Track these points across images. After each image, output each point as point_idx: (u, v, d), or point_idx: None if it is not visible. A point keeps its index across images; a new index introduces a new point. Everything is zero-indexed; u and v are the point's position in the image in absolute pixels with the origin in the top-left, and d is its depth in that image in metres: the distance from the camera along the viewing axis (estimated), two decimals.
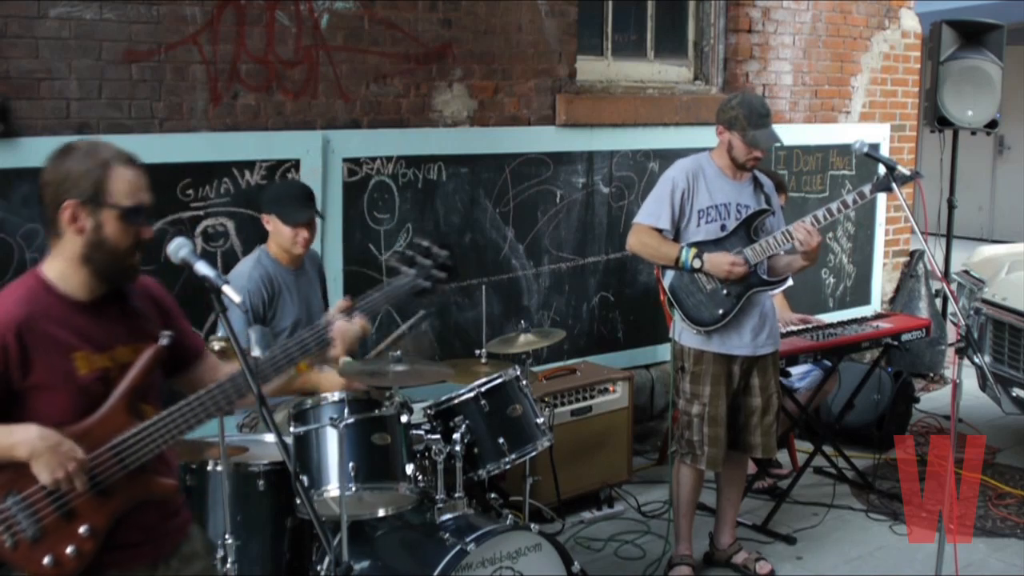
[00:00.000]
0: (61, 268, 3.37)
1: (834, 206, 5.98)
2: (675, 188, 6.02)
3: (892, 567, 6.60)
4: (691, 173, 6.05)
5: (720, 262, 5.90)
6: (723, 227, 6.01)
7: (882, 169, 5.77)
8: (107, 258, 3.32)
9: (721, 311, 6.00)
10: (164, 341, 3.40)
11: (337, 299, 6.60)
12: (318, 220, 5.79)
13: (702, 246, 5.96)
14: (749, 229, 6.00)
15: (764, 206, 6.09)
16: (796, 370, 7.70)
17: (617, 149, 8.44)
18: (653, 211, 6.09)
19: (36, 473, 3.17)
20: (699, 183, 6.03)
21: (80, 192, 3.30)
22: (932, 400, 9.74)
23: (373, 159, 7.12)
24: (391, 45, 7.16)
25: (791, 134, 9.49)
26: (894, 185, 5.69)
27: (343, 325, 3.59)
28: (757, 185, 6.15)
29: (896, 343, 7.68)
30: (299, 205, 5.67)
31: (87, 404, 3.30)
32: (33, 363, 3.24)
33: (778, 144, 6.16)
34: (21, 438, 3.18)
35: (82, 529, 3.27)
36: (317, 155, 6.84)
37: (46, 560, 3.24)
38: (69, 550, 3.26)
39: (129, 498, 3.33)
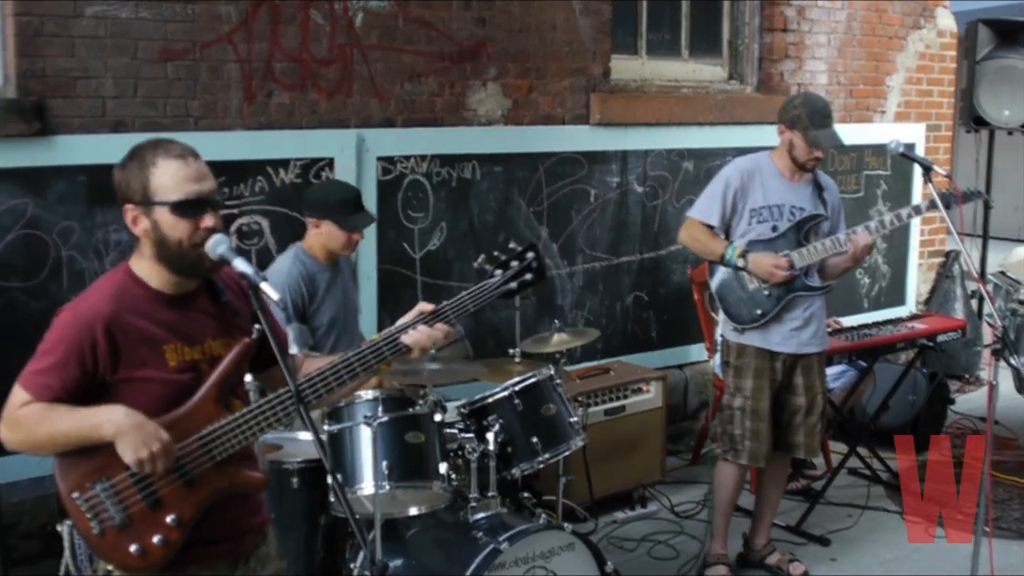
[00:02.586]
0: (145, 266, 3.39)
1: (887, 219, 6.00)
2: (728, 187, 6.02)
3: (927, 569, 6.56)
4: (747, 172, 6.04)
5: (763, 263, 5.88)
6: (774, 228, 5.98)
7: (917, 170, 5.76)
8: (175, 254, 3.32)
9: (760, 311, 5.99)
10: (255, 335, 3.40)
11: (370, 298, 6.67)
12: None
13: (751, 245, 5.95)
14: (800, 232, 5.98)
15: (819, 210, 6.06)
16: (831, 370, 7.64)
17: (651, 148, 8.41)
18: (705, 207, 6.10)
19: (120, 452, 3.18)
20: (754, 183, 6.02)
21: (133, 194, 3.32)
22: (967, 401, 9.68)
23: (407, 158, 7.13)
24: (425, 44, 7.16)
25: None
26: (940, 203, 5.69)
27: (423, 331, 3.53)
28: (817, 188, 6.11)
29: (931, 344, 7.64)
30: (356, 210, 5.66)
31: (177, 396, 3.32)
32: (122, 357, 3.27)
33: (839, 144, 6.11)
34: (107, 417, 3.20)
35: (169, 519, 3.28)
36: (351, 154, 6.84)
37: (132, 548, 3.26)
38: (156, 539, 3.27)
39: (216, 490, 3.34)
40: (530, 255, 3.65)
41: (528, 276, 3.65)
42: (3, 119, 5.72)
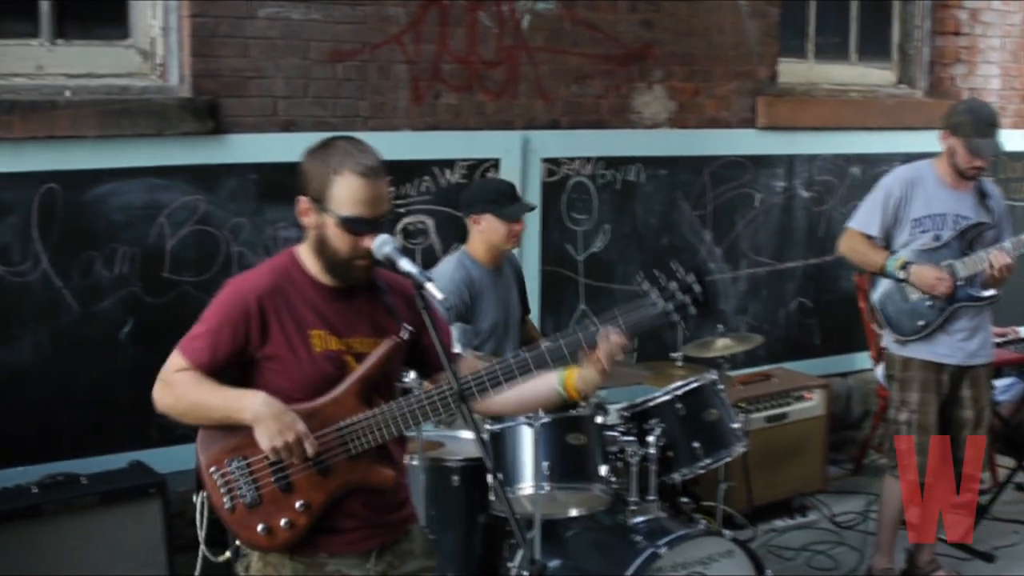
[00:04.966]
0: (307, 252, 3.49)
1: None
2: (889, 196, 5.95)
3: None
4: (909, 181, 5.96)
5: (925, 275, 5.79)
6: (937, 237, 5.88)
7: None
8: (330, 257, 3.40)
9: (922, 323, 5.90)
10: (404, 335, 3.46)
11: (532, 299, 6.68)
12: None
13: (914, 255, 5.87)
14: (964, 241, 5.87)
15: (984, 218, 5.94)
16: (1000, 383, 7.48)
17: (818, 153, 8.31)
18: (865, 217, 6.04)
19: (257, 438, 3.28)
20: (916, 191, 5.93)
21: (311, 190, 3.39)
22: None
23: (572, 159, 7.14)
24: (591, 46, 7.16)
25: None
26: None
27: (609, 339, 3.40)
28: (980, 195, 5.99)
29: None
30: (513, 200, 5.68)
31: (319, 383, 3.39)
32: (271, 332, 3.37)
33: (1000, 154, 5.99)
34: (248, 403, 3.30)
35: (298, 504, 3.36)
36: (516, 155, 6.88)
37: (259, 527, 3.36)
38: (283, 522, 3.36)
39: (347, 482, 3.40)
40: (693, 280, 3.42)
41: (690, 305, 3.42)
42: (178, 118, 5.87)
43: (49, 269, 5.67)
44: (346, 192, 3.33)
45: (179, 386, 3.38)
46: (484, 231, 5.61)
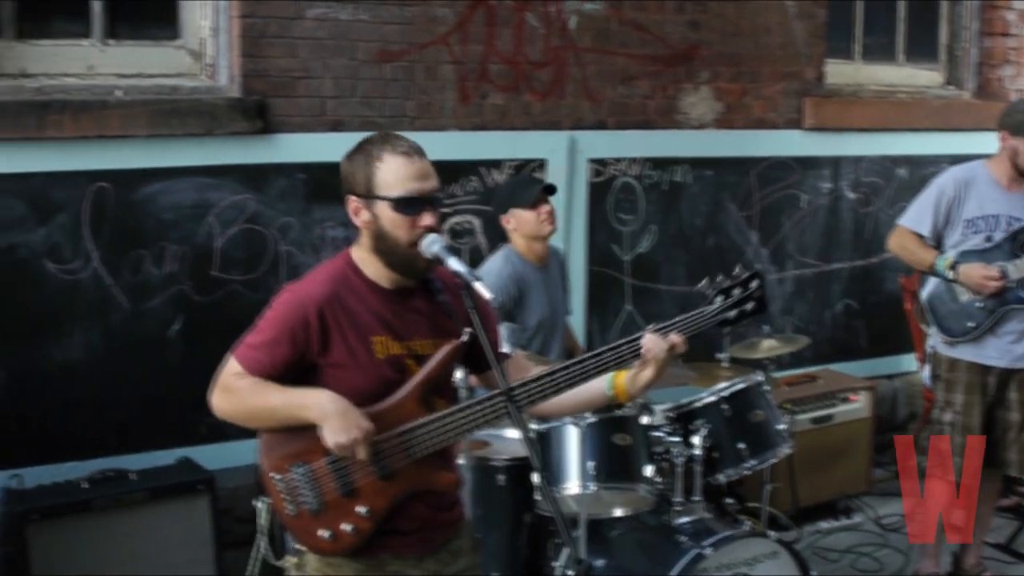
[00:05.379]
0: (363, 255, 3.46)
1: None
2: (942, 196, 5.91)
3: None
4: (962, 181, 5.91)
5: (974, 274, 5.76)
6: (989, 239, 5.85)
7: None
8: (391, 249, 3.37)
9: (971, 324, 5.86)
10: (465, 338, 3.45)
11: (579, 299, 6.71)
12: (551, 198, 5.73)
13: (964, 256, 5.83)
14: (1016, 243, 5.84)
15: None
16: None
17: (865, 154, 8.28)
18: (916, 216, 6.01)
19: (323, 436, 3.24)
20: (970, 192, 5.89)
21: (357, 187, 3.39)
22: None
23: (619, 160, 7.15)
24: (638, 47, 7.17)
25: None
26: None
27: (653, 339, 3.43)
28: None
29: None
30: (528, 184, 5.74)
31: (380, 388, 3.37)
32: (332, 341, 3.34)
33: None
34: (313, 400, 3.27)
35: (362, 509, 3.35)
36: (563, 155, 6.89)
37: (324, 533, 3.36)
38: (347, 527, 3.35)
39: (409, 486, 3.39)
40: (754, 284, 3.55)
41: (749, 306, 3.55)
42: (228, 117, 5.93)
43: (100, 267, 5.74)
44: (391, 174, 3.34)
45: (238, 392, 3.36)
46: (518, 227, 5.64)
